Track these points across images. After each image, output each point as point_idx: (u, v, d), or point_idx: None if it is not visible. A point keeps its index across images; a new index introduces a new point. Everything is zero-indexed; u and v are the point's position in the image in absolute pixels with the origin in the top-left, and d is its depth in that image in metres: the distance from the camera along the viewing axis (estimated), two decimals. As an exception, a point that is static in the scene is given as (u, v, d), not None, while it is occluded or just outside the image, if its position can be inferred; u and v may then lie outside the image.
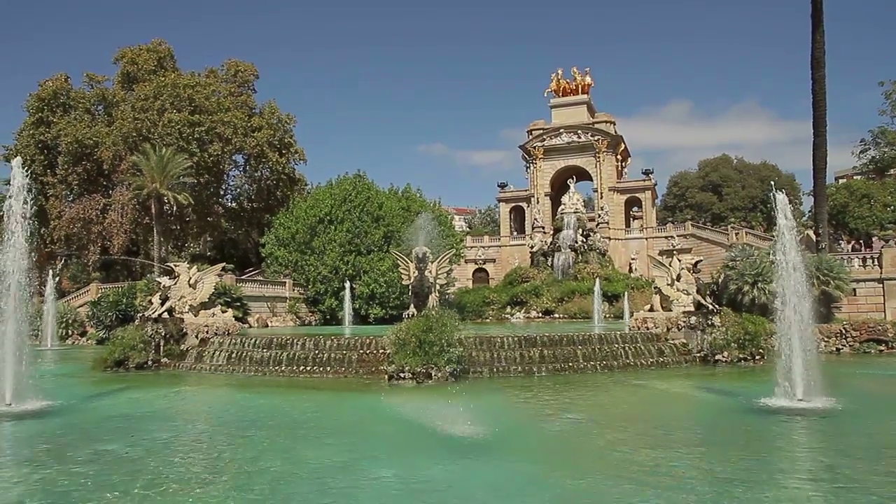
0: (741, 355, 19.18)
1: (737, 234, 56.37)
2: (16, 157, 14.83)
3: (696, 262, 21.65)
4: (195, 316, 22.08)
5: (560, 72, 69.09)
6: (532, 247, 58.81)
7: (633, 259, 60.62)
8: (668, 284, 21.33)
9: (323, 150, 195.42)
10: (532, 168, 67.25)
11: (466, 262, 62.43)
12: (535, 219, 63.75)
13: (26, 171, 13.14)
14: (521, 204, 69.13)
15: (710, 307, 20.28)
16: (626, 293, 40.24)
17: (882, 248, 31.90)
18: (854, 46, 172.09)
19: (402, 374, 15.80)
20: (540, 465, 8.26)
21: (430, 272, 20.10)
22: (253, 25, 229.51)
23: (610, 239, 60.18)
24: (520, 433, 10.62)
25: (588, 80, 68.65)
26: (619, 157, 67.97)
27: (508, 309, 47.59)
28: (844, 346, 23.66)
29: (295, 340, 18.95)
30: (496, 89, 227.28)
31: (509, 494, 6.99)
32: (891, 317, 27.48)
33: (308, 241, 38.53)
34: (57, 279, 43.79)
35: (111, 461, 8.48)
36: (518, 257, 62.09)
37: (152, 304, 21.84)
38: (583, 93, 68.16)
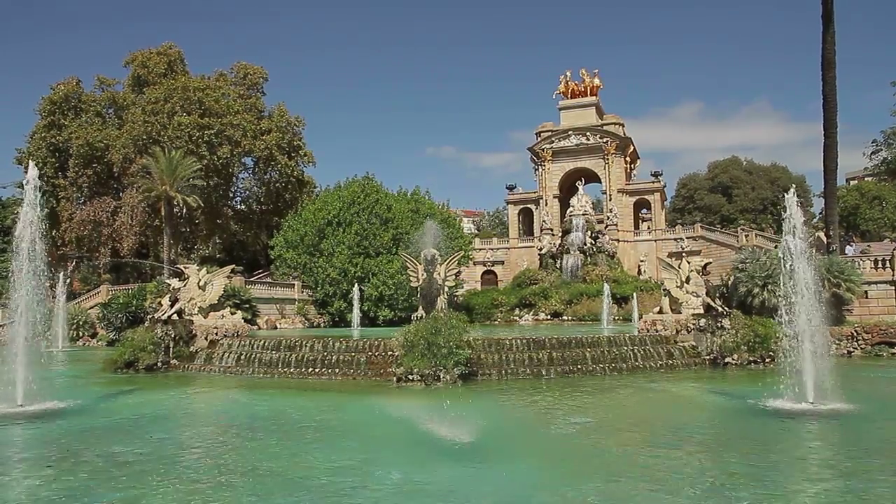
0: (751, 358, 19.07)
1: (746, 235, 56.10)
2: (28, 159, 14.95)
3: (706, 265, 21.57)
4: (204, 318, 22.17)
5: (569, 73, 69.10)
6: (541, 249, 58.73)
7: (641, 261, 60.43)
8: (677, 287, 21.24)
9: (332, 153, 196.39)
10: (540, 170, 67.19)
11: (475, 264, 62.48)
12: (544, 221, 63.67)
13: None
14: (529, 206, 69.08)
15: (720, 309, 20.17)
16: (634, 295, 40.04)
17: (894, 250, 31.62)
18: (866, 47, 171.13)
19: (410, 377, 15.80)
20: (548, 469, 8.24)
21: (439, 274, 20.10)
22: (262, 28, 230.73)
23: (619, 241, 60.02)
24: (528, 436, 10.60)
25: (597, 81, 68.58)
26: (627, 158, 67.80)
27: (517, 311, 47.51)
28: (856, 348, 23.43)
29: (304, 342, 18.99)
30: (505, 91, 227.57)
31: (518, 498, 6.96)
32: (903, 319, 27.20)
33: (317, 243, 38.60)
34: (68, 281, 44.07)
35: (121, 462, 8.51)
36: (527, 259, 62.02)
37: (162, 305, 21.95)
38: (591, 94, 68.08)
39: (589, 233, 55.07)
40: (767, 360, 18.77)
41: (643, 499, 6.74)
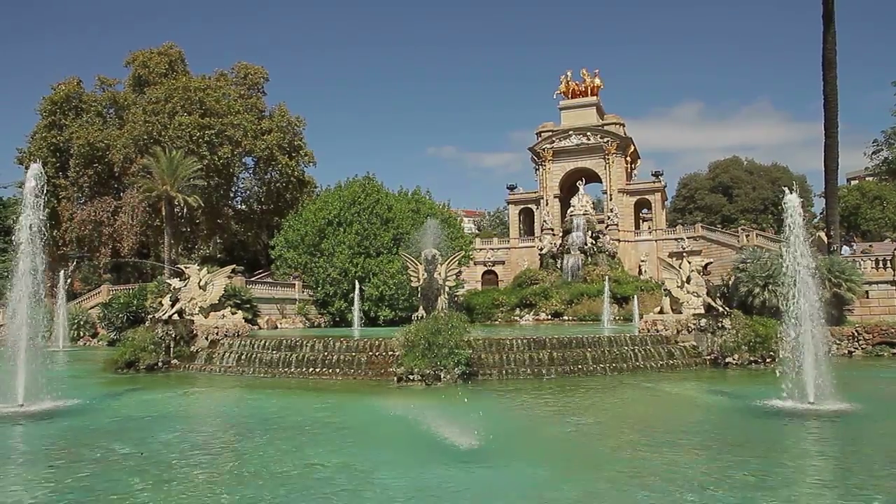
0: (752, 358, 19.07)
1: (747, 235, 56.13)
2: (30, 159, 14.99)
3: (706, 265, 21.55)
4: (205, 318, 22.17)
5: (569, 73, 69.12)
6: (541, 249, 58.74)
7: (642, 261, 60.44)
8: (677, 287, 21.22)
9: (332, 153, 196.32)
10: (541, 170, 67.20)
11: (476, 264, 62.47)
12: (545, 221, 63.69)
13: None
14: (530, 206, 69.08)
15: (721, 309, 20.16)
16: (635, 295, 40.05)
17: (895, 250, 31.59)
18: (866, 47, 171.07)
19: (411, 377, 15.80)
20: (549, 469, 8.23)
21: (440, 274, 20.10)
22: (263, 28, 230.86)
23: (619, 241, 60.02)
24: (529, 436, 10.59)
25: (597, 81, 68.58)
26: (628, 158, 67.80)
27: (517, 311, 47.50)
28: (857, 348, 23.44)
29: (304, 342, 18.99)
30: (505, 91, 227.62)
31: (518, 497, 6.96)
32: (904, 319, 27.16)
33: (317, 243, 38.61)
34: (69, 281, 44.10)
35: (122, 462, 8.52)
36: (527, 259, 62.02)
37: (163, 305, 21.97)
38: (592, 94, 68.09)
39: (590, 233, 55.08)
40: (768, 360, 18.77)
41: (643, 499, 6.73)
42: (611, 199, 64.07)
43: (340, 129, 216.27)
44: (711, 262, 22.65)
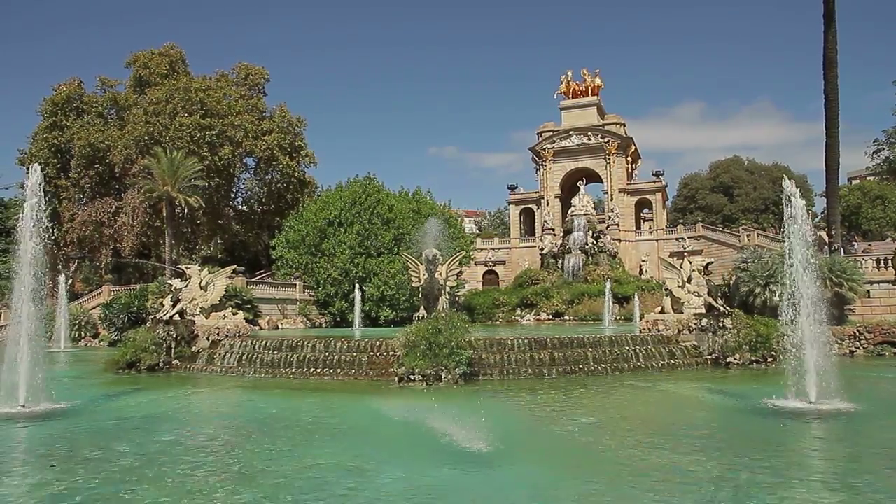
0: (753, 358, 19.06)
1: (748, 235, 56.12)
2: (31, 160, 14.99)
3: (707, 264, 21.53)
4: (206, 318, 22.18)
5: (570, 73, 69.06)
6: (542, 249, 58.74)
7: (643, 261, 60.41)
8: (678, 286, 21.22)
9: (333, 153, 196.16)
10: (542, 170, 67.17)
11: (476, 264, 62.49)
12: (546, 221, 63.66)
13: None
14: (531, 206, 69.06)
15: (722, 309, 20.14)
16: (636, 295, 40.05)
17: (896, 249, 31.59)
18: (867, 47, 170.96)
19: (412, 377, 15.80)
20: (551, 470, 8.22)
21: (440, 274, 20.08)
22: (263, 28, 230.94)
23: (620, 241, 60.00)
24: (530, 436, 10.59)
25: (598, 81, 68.53)
26: (629, 158, 67.78)
27: (518, 311, 47.51)
28: (858, 348, 23.43)
29: (305, 342, 18.99)
30: (506, 91, 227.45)
31: (520, 498, 6.96)
32: (905, 319, 27.12)
33: (318, 243, 38.63)
34: (70, 281, 44.17)
35: (122, 462, 8.52)
36: (528, 259, 62.01)
37: (164, 306, 21.97)
38: (593, 94, 68.04)
39: (590, 233, 55.08)
40: (769, 359, 18.77)
41: (645, 499, 6.73)
42: (611, 199, 64.04)
43: (341, 129, 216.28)
44: (712, 262, 22.61)
